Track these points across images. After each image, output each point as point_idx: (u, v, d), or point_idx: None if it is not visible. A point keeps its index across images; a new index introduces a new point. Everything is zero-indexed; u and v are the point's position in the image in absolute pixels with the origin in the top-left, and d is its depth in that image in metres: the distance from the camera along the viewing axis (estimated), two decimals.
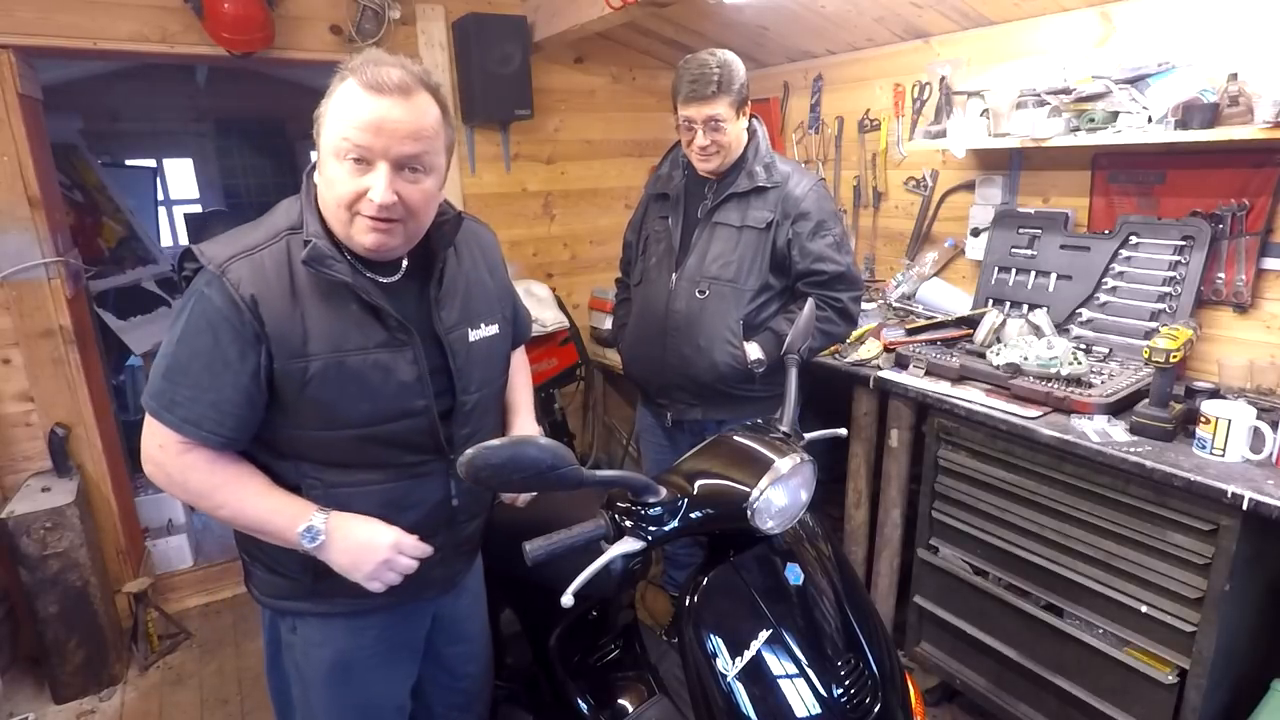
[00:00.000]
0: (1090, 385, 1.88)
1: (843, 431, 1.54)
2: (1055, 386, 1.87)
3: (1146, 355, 1.68)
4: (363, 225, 1.10)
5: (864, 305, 2.65)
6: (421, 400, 1.21)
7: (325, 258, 1.10)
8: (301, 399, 1.13)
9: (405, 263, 1.21)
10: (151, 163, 5.89)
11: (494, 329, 1.33)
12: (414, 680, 1.44)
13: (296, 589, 1.25)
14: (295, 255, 1.13)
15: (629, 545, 1.11)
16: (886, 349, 2.28)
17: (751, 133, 2.06)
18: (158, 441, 1.13)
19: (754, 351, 2.03)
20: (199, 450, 1.12)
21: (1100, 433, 1.72)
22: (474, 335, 1.29)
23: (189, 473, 1.13)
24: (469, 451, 0.93)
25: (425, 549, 1.22)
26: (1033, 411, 1.84)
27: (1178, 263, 2.01)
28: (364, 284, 1.14)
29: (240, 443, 1.15)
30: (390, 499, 1.22)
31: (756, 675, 1.12)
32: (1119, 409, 1.81)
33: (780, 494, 1.15)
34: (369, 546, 1.16)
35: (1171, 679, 1.63)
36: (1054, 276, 2.27)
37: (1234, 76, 1.76)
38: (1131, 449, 1.63)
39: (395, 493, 1.22)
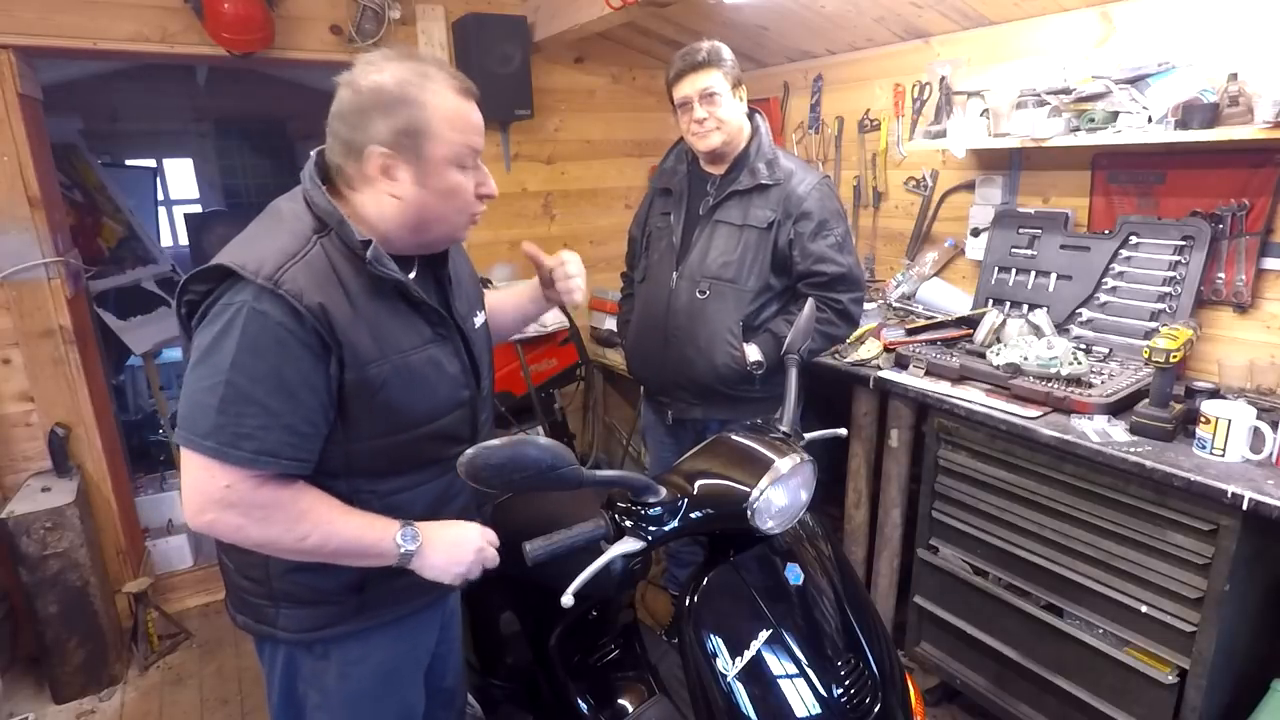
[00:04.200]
0: (1090, 385, 1.88)
1: (843, 431, 1.54)
2: (1055, 386, 1.87)
3: (1146, 355, 1.68)
4: (466, 221, 1.17)
5: (864, 305, 2.65)
6: (466, 390, 1.25)
7: (383, 258, 1.10)
8: (373, 406, 1.11)
9: (417, 258, 1.23)
10: (151, 163, 5.89)
11: (483, 315, 1.38)
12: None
13: (338, 613, 1.21)
14: (334, 258, 1.09)
15: (629, 545, 1.11)
16: (886, 349, 2.28)
17: (755, 128, 2.05)
18: (223, 483, 1.01)
19: (753, 353, 2.02)
20: (274, 480, 1.05)
21: (1100, 433, 1.72)
22: (478, 323, 1.33)
23: (271, 509, 1.04)
24: (469, 451, 0.93)
25: (495, 538, 1.23)
26: (1033, 411, 1.84)
27: (1178, 263, 2.00)
28: (410, 282, 1.15)
29: (313, 466, 1.09)
30: (439, 494, 1.24)
31: (756, 675, 1.12)
32: (1119, 409, 1.81)
33: (780, 494, 1.15)
34: (462, 542, 1.17)
35: (1171, 679, 1.63)
36: (1054, 276, 2.26)
37: (1234, 76, 1.76)
38: (1131, 449, 1.63)
39: (441, 487, 1.24)
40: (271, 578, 1.19)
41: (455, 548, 1.17)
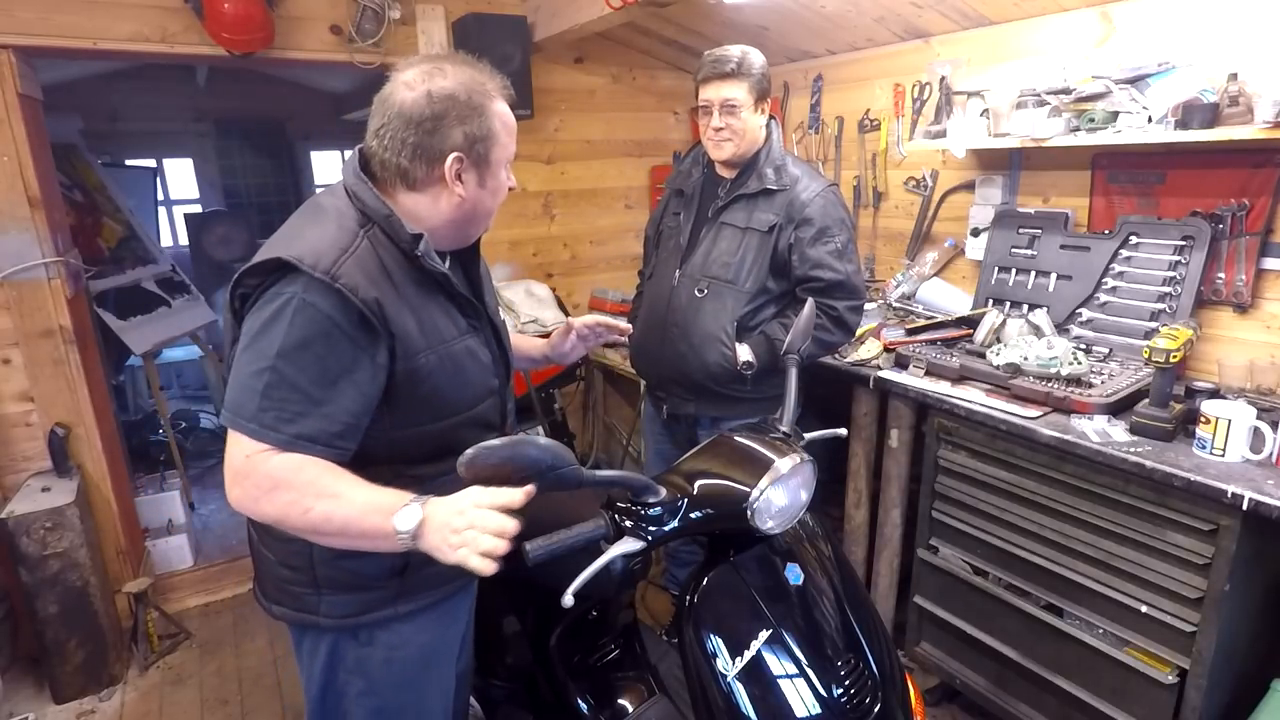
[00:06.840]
0: (1090, 385, 1.88)
1: (843, 431, 1.54)
2: (1055, 386, 1.87)
3: (1146, 355, 1.68)
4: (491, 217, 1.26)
5: (864, 313, 2.65)
6: (496, 379, 1.32)
7: (432, 252, 1.16)
8: (418, 395, 1.17)
9: (449, 253, 1.28)
10: (151, 163, 5.89)
11: (500, 309, 1.46)
12: None
13: (380, 598, 1.23)
14: (381, 251, 1.13)
15: (629, 545, 1.11)
16: (886, 349, 2.28)
17: (768, 134, 2.07)
18: (244, 453, 1.04)
19: (744, 353, 2.03)
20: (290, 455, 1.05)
21: (1100, 433, 1.72)
22: (501, 315, 1.41)
23: (276, 474, 1.04)
24: (469, 451, 0.93)
25: (517, 495, 0.98)
26: (1033, 411, 1.84)
27: (1178, 263, 2.00)
28: (451, 275, 1.21)
29: (350, 453, 1.10)
30: None
31: (756, 675, 1.12)
32: (1119, 409, 1.81)
33: (780, 494, 1.15)
34: (447, 509, 0.98)
35: (1171, 679, 1.63)
36: (1054, 276, 2.27)
37: (1234, 76, 1.76)
38: (1131, 449, 1.63)
39: None
40: (315, 564, 1.20)
41: (442, 515, 0.99)
